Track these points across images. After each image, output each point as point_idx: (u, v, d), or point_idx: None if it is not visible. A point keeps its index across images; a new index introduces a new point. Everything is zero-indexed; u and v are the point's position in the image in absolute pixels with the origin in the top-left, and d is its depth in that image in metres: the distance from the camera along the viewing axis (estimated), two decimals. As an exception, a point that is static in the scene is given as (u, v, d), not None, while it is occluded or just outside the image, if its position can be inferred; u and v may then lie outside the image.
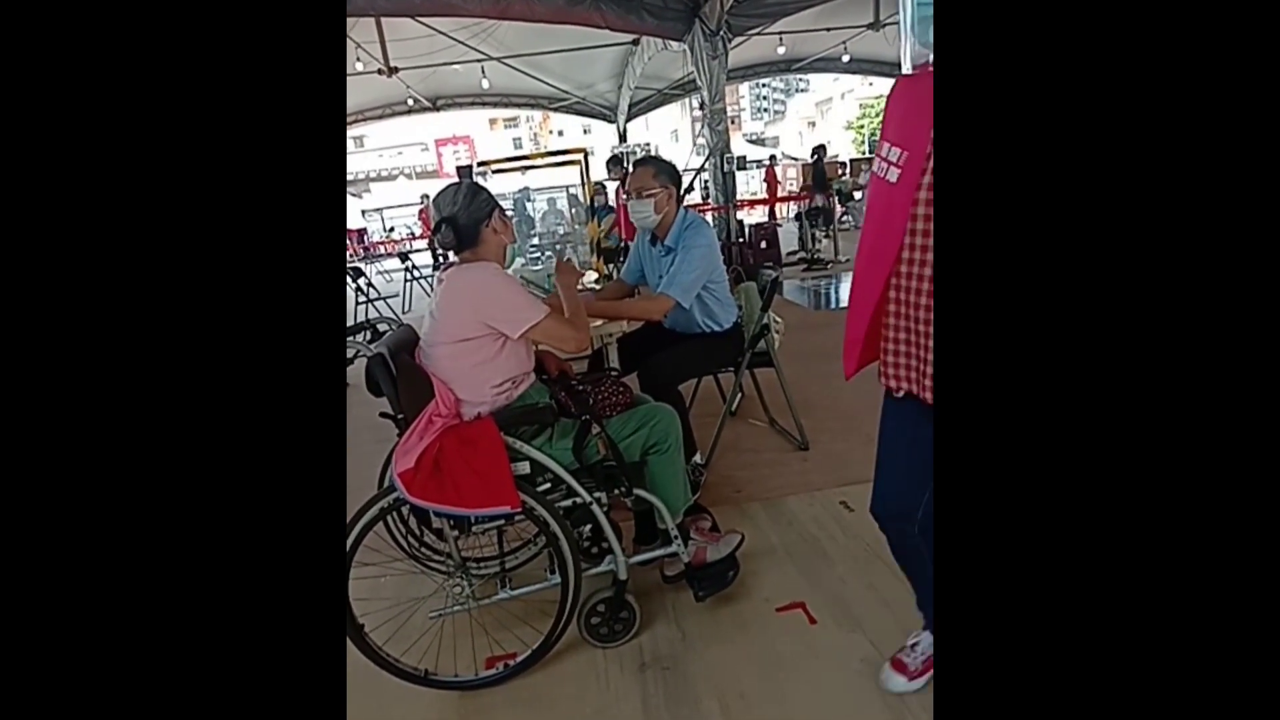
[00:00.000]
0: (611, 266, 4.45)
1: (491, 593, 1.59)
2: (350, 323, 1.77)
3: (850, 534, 1.94)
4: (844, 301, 5.51)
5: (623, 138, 12.35)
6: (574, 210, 4.73)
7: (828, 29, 8.93)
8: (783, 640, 1.54)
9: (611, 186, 5.17)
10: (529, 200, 6.86)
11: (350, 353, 1.54)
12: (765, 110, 54.99)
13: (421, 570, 1.83)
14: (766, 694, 1.39)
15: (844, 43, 9.77)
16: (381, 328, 1.72)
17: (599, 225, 5.33)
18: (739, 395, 2.75)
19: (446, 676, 1.49)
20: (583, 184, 4.14)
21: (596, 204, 5.98)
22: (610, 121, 12.26)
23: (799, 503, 2.15)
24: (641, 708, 1.39)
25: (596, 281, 3.01)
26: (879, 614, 1.58)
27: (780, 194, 12.48)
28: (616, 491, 1.54)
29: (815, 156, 8.71)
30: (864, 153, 22.95)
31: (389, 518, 1.56)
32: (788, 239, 8.06)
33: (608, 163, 5.39)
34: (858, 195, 10.27)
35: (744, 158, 8.53)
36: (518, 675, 1.49)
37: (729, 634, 1.58)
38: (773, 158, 15.10)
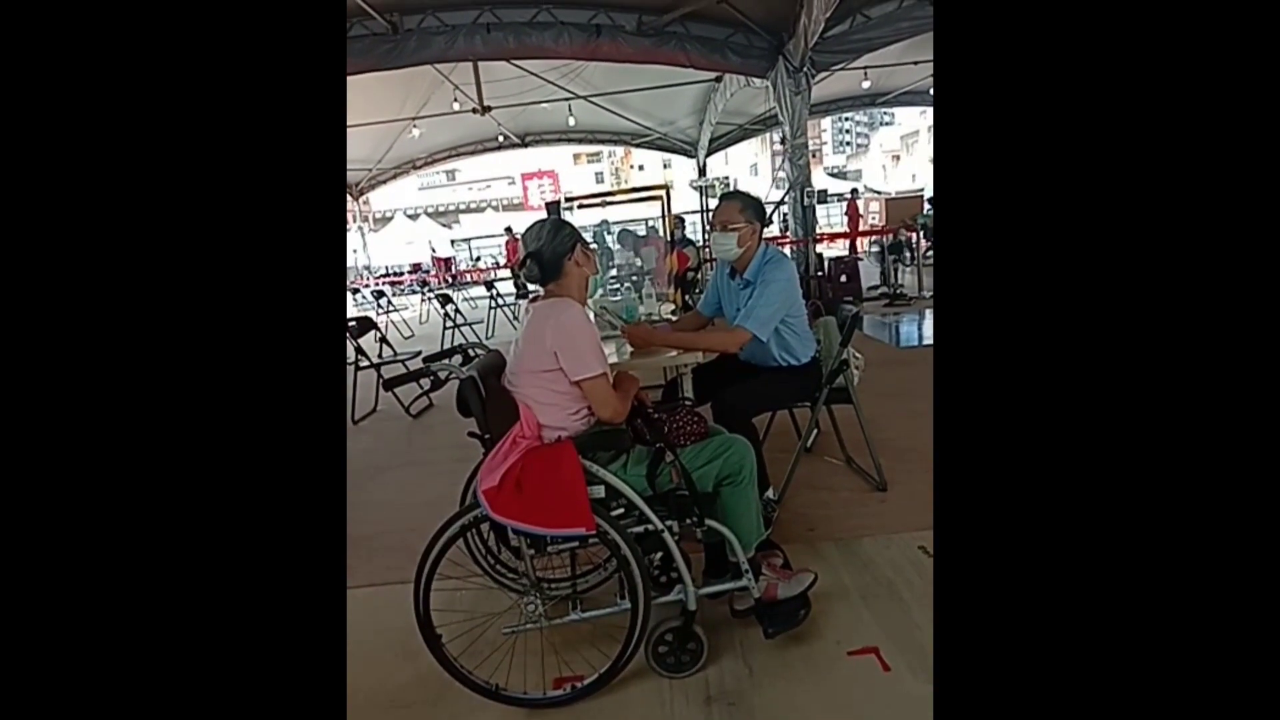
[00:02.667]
0: (688, 297, 4.51)
1: (563, 613, 1.63)
2: (440, 348, 1.88)
3: (928, 580, 1.86)
4: (927, 338, 5.33)
5: (702, 172, 12.53)
6: (644, 259, 4.88)
7: (915, 62, 8.82)
8: (853, 685, 1.49)
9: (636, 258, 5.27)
10: (609, 233, 7.07)
11: (443, 375, 1.64)
12: (848, 144, 54.38)
13: (496, 586, 1.89)
14: (836, 740, 1.35)
15: (931, 75, 9.59)
16: (473, 353, 1.82)
17: (675, 259, 5.42)
18: (815, 431, 2.71)
19: (516, 693, 1.53)
20: (663, 218, 4.24)
21: (676, 237, 6.08)
22: (690, 156, 12.48)
23: (875, 545, 2.09)
24: (706, 742, 1.38)
25: (673, 312, 3.06)
26: (959, 667, 1.50)
27: (862, 228, 12.27)
28: (688, 521, 1.55)
29: None
30: (952, 186, 22.24)
31: (469, 534, 1.64)
32: (869, 273, 7.89)
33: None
34: (944, 230, 9.96)
35: (824, 191, 8.45)
36: (584, 698, 1.52)
37: (798, 674, 1.55)
38: (854, 191, 14.87)
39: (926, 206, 11.30)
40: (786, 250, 7.00)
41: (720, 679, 1.56)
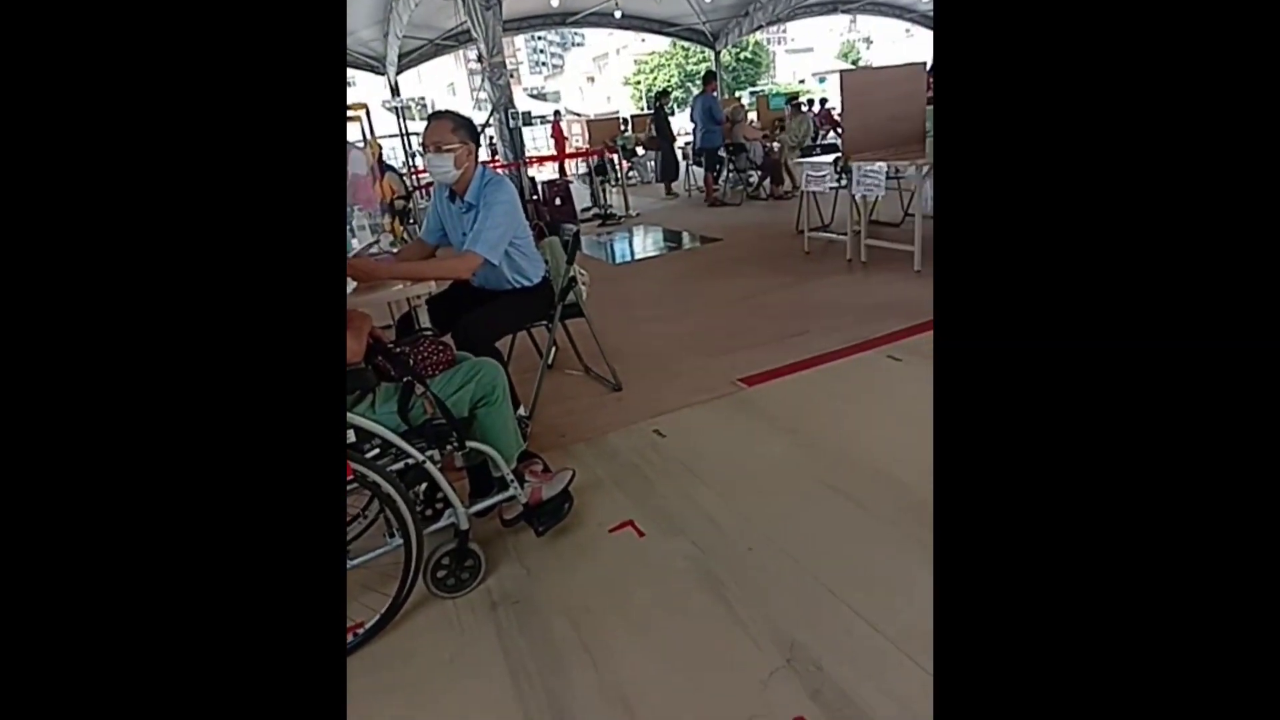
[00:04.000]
0: (403, 228, 4.23)
1: (327, 569, 1.55)
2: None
3: (665, 456, 2.17)
4: (639, 253, 5.83)
5: (395, 91, 11.47)
6: (353, 162, 4.38)
7: (599, -17, 9.05)
8: (617, 556, 1.72)
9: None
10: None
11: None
12: (544, 64, 54.01)
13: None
14: (609, 605, 1.55)
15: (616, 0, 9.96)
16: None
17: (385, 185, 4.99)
18: (554, 348, 2.86)
19: (288, 661, 1.45)
20: (366, 141, 3.85)
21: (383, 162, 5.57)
22: (379, 73, 11.30)
23: (618, 437, 2.34)
24: (497, 642, 1.48)
25: (394, 243, 2.88)
26: (696, 518, 1.82)
27: (568, 150, 12.55)
28: (449, 448, 1.57)
29: (658, 104, 8.72)
30: (642, 108, 23.67)
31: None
32: (579, 195, 8.21)
33: None
34: (640, 151, 10.70)
35: (529, 113, 8.41)
36: (370, 641, 1.49)
37: (569, 560, 1.72)
38: (557, 113, 15.05)
39: (622, 127, 11.96)
40: (503, 174, 6.91)
41: (501, 585, 1.66)
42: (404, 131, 8.80)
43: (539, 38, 50.60)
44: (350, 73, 11.64)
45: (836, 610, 1.43)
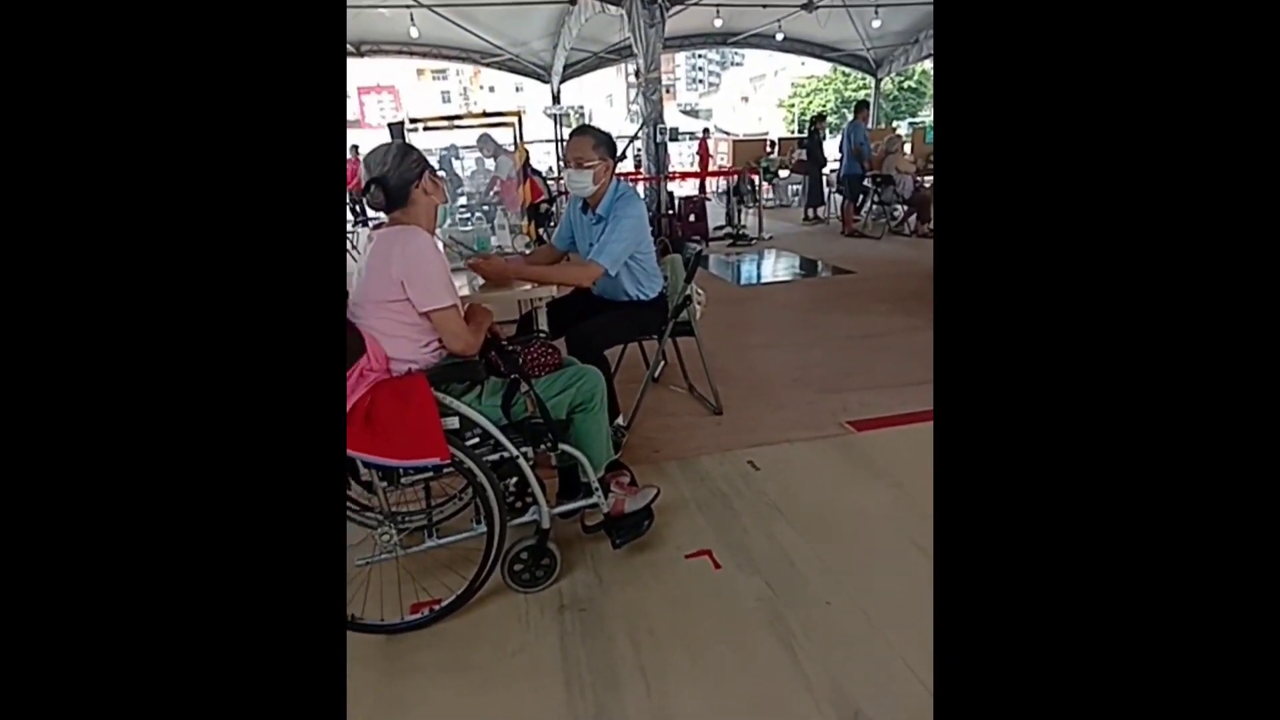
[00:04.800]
0: (542, 230, 4.46)
1: (418, 542, 1.66)
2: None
3: (755, 490, 2.12)
4: (766, 277, 5.74)
5: (556, 99, 12.11)
6: (500, 167, 4.66)
7: (763, 5, 9.04)
8: (690, 583, 1.70)
9: (491, 162, 5.07)
10: (457, 158, 6.66)
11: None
12: (700, 81, 54.87)
13: (349, 519, 1.87)
14: (673, 630, 1.54)
15: (779, 20, 9.90)
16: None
17: (528, 189, 5.30)
18: (661, 362, 2.89)
19: (372, 620, 1.56)
20: (516, 145, 4.10)
21: (527, 166, 5.90)
22: (544, 81, 11.99)
23: (711, 461, 2.32)
24: (559, 645, 1.51)
25: (527, 245, 3.04)
26: (775, 559, 1.76)
27: (711, 168, 12.64)
28: (543, 446, 1.63)
29: (812, 128, 8.67)
30: (793, 131, 23.35)
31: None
32: (715, 213, 8.23)
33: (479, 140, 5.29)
34: (783, 174, 10.55)
35: (677, 129, 8.55)
36: (442, 619, 1.58)
37: (642, 578, 1.72)
38: (706, 130, 15.21)
39: (769, 149, 11.86)
40: (640, 187, 7.09)
41: (573, 589, 1.69)
42: (558, 138, 9.27)
43: (699, 55, 51.48)
44: (517, 79, 12.44)
45: (909, 686, 1.33)
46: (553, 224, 4.77)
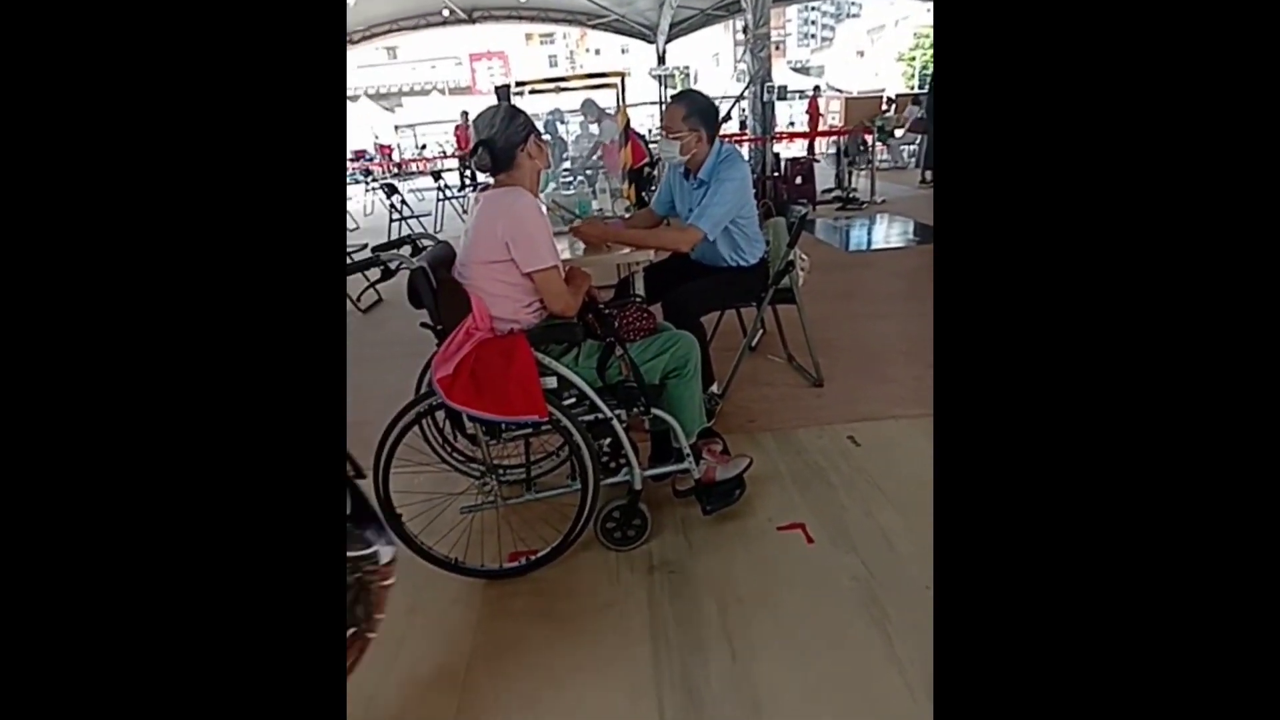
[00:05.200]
0: (644, 193, 4.45)
1: (518, 495, 1.74)
2: (387, 240, 1.85)
3: (854, 466, 2.04)
4: (876, 243, 5.44)
5: (661, 59, 11.93)
6: (604, 132, 4.66)
7: (886, -51, 8.38)
8: (780, 555, 1.67)
9: (595, 127, 5.01)
10: (562, 122, 6.74)
11: (394, 265, 1.64)
12: (813, 36, 52.10)
13: (453, 471, 1.98)
14: (760, 600, 1.52)
15: (902, -35, 9.16)
16: (422, 243, 1.80)
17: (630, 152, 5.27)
18: (760, 330, 2.82)
19: (474, 565, 1.66)
20: (618, 108, 4.08)
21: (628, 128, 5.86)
22: (649, 41, 11.83)
23: (808, 435, 2.25)
24: (647, 602, 1.54)
25: (627, 209, 3.04)
26: (874, 539, 1.69)
27: (821, 127, 12.06)
28: (635, 410, 1.64)
29: (933, 83, 8.20)
30: (912, 88, 21.56)
31: (424, 421, 1.69)
32: (824, 175, 7.87)
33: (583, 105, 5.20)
34: (898, 133, 9.88)
35: (785, 87, 8.14)
36: (537, 569, 1.65)
37: (731, 546, 1.71)
38: (816, 88, 14.46)
39: (885, 107, 11.12)
40: (744, 148, 6.88)
41: (662, 550, 1.72)
42: (662, 100, 9.14)
43: (811, 8, 48.81)
44: (623, 41, 12.34)
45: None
46: (653, 187, 4.73)
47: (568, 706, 1.30)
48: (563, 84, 4.37)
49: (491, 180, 1.63)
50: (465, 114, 10.27)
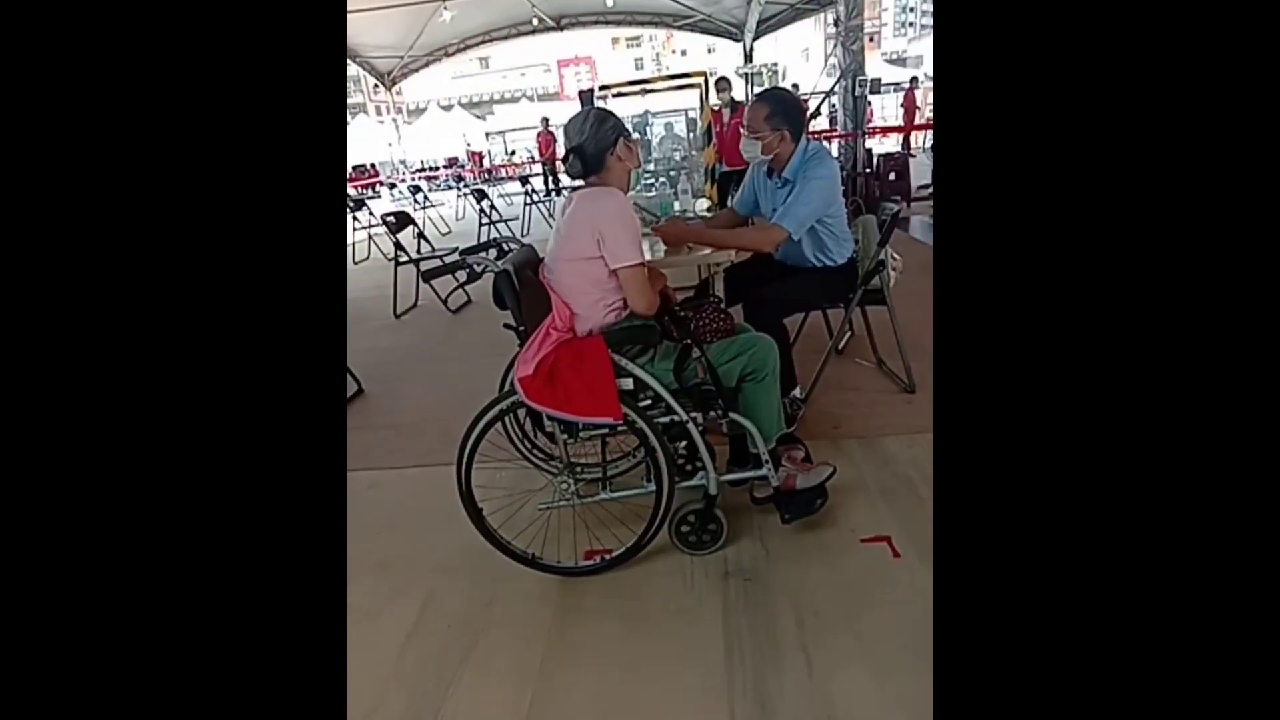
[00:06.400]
0: (731, 194, 4.41)
1: (593, 493, 1.75)
2: (476, 242, 1.92)
3: (947, 478, 1.92)
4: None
5: (749, 57, 11.76)
6: (691, 135, 4.64)
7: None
8: (863, 569, 1.60)
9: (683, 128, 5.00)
10: (648, 125, 6.78)
11: (478, 267, 1.69)
12: (910, 25, 49.80)
13: (532, 468, 2.03)
14: (840, 615, 1.46)
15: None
16: (508, 247, 1.86)
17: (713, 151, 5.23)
18: (848, 333, 2.71)
19: (550, 562, 1.68)
20: (701, 108, 4.05)
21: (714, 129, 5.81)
22: (736, 40, 11.70)
23: (898, 444, 2.14)
24: (722, 610, 1.51)
25: (709, 209, 3.01)
26: (966, 556, 1.59)
27: (918, 121, 11.50)
28: (712, 413, 1.62)
29: None
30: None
31: (506, 419, 1.74)
32: (920, 171, 7.50)
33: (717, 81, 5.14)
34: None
35: (878, 80, 7.76)
36: (612, 569, 1.66)
37: (811, 556, 1.65)
38: (914, 80, 13.75)
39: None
40: (834, 145, 6.66)
41: (738, 557, 1.68)
42: (749, 98, 9.01)
43: (910, -4, 46.68)
44: (709, 40, 12.27)
45: None
46: (736, 186, 4.67)
47: (638, 708, 1.29)
48: (646, 86, 4.40)
49: (582, 184, 1.65)
50: (545, 120, 10.53)
